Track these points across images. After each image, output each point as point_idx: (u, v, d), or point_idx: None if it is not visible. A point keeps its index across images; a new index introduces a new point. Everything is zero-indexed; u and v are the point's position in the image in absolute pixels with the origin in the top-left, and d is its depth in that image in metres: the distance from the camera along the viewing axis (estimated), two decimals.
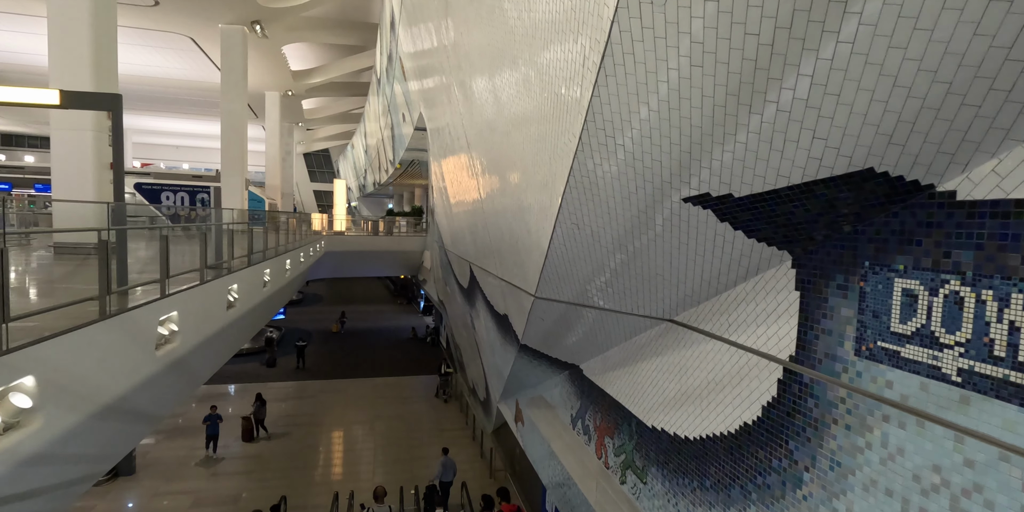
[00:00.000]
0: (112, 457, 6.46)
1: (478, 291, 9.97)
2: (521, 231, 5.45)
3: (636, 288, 4.27)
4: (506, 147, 5.55)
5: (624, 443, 5.20)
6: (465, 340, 15.15)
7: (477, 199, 7.84)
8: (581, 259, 4.40)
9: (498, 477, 13.13)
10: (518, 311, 6.58)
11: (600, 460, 5.77)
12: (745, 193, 2.80)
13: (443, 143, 10.87)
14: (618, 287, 4.42)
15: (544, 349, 6.70)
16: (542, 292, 5.36)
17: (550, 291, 5.27)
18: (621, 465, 5.24)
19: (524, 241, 5.38)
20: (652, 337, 4.63)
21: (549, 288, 5.24)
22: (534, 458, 8.39)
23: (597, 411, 5.87)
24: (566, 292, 5.08)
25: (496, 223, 6.75)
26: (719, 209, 3.02)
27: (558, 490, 7.16)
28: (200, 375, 8.96)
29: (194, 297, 7.07)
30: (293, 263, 14.87)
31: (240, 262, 10.00)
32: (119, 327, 5.12)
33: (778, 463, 3.08)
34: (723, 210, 3.01)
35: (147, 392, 6.10)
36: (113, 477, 12.38)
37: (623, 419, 5.22)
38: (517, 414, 9.51)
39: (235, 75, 21.65)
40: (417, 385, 20.68)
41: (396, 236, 29.63)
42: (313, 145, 56.20)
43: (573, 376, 6.64)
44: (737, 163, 2.67)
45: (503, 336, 8.23)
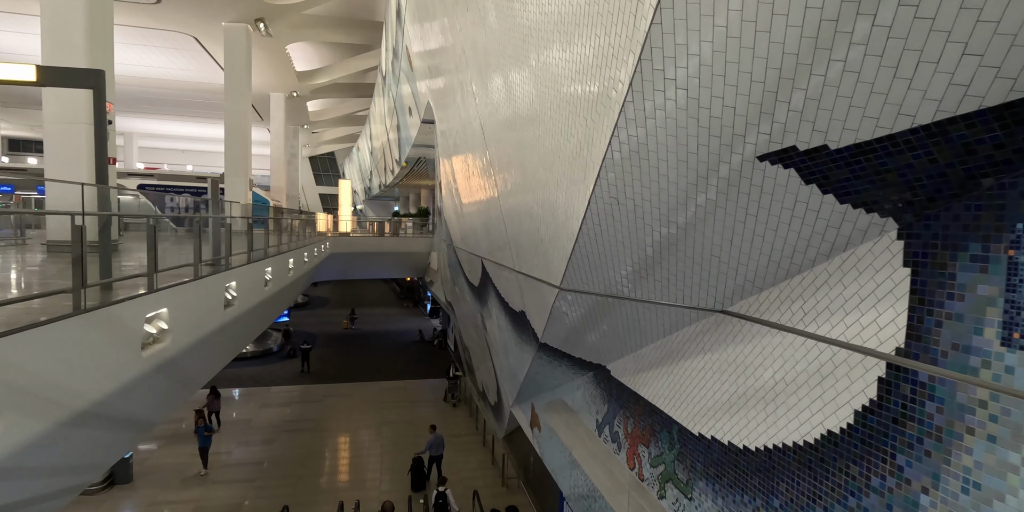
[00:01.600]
0: (95, 468, 5.92)
1: (490, 288, 9.40)
2: (545, 215, 4.88)
3: (683, 274, 3.69)
4: (529, 122, 5.00)
5: (663, 453, 4.60)
6: (475, 342, 14.58)
7: (493, 188, 7.29)
8: (618, 242, 3.83)
9: (510, 485, 12.53)
10: (538, 306, 6.00)
11: (633, 471, 5.18)
12: (846, 143, 2.23)
13: (454, 131, 10.34)
14: (661, 274, 3.84)
15: (566, 348, 6.12)
16: (568, 283, 4.79)
17: (577, 281, 4.70)
18: (660, 477, 4.65)
19: (548, 226, 4.82)
20: (699, 332, 4.05)
21: (577, 278, 4.67)
22: (553, 467, 7.80)
23: (628, 416, 5.28)
24: (596, 282, 4.51)
25: (515, 210, 6.20)
26: (806, 167, 2.45)
27: (582, 502, 6.56)
28: (196, 379, 8.41)
29: (187, 294, 6.55)
30: (297, 262, 14.37)
31: (240, 259, 9.50)
32: (97, 324, 4.58)
33: (880, 482, 2.49)
34: (811, 168, 2.44)
35: (133, 396, 5.57)
36: (108, 485, 11.86)
37: (661, 426, 4.63)
38: (533, 419, 8.92)
39: (239, 74, 21.29)
40: (425, 389, 20.11)
41: (402, 237, 29.16)
42: (318, 148, 55.98)
43: (599, 378, 6.06)
44: (840, 101, 2.10)
45: (519, 335, 7.66)
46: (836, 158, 2.32)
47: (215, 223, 8.67)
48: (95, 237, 6.31)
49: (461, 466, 13.59)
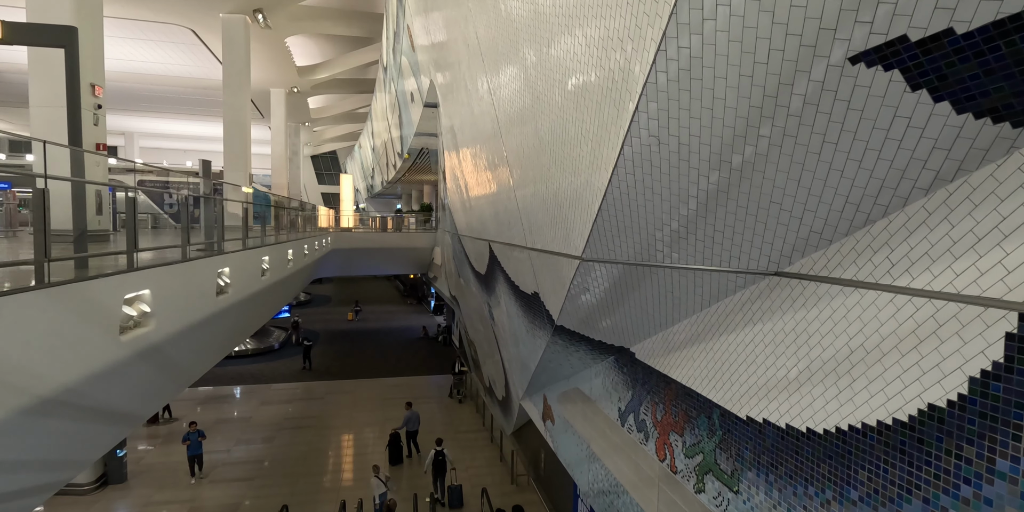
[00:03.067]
0: (72, 464, 5.42)
1: (498, 274, 8.89)
2: (565, 177, 4.37)
3: (732, 231, 3.17)
4: (550, 61, 4.48)
5: (700, 441, 4.08)
6: (481, 335, 14.08)
7: (503, 160, 6.79)
8: (654, 194, 3.32)
9: (520, 483, 12.01)
10: (554, 284, 5.49)
11: (663, 463, 4.66)
12: (982, 22, 1.71)
13: (458, 89, 9.84)
14: (704, 232, 3.32)
15: (584, 330, 5.61)
16: (591, 252, 4.28)
17: (602, 250, 4.18)
18: (697, 469, 4.13)
19: (568, 188, 4.31)
20: (745, 301, 3.53)
21: (601, 246, 4.15)
22: (568, 461, 7.28)
23: (657, 402, 4.76)
24: (625, 249, 3.99)
25: (529, 180, 5.69)
26: (916, 66, 1.93)
27: (602, 499, 6.05)
28: (188, 371, 7.92)
29: (173, 276, 6.05)
30: (296, 254, 13.88)
31: (235, 247, 9.02)
32: (66, 301, 4.09)
33: (1012, 466, 1.97)
34: (924, 66, 1.92)
35: (112, 385, 5.07)
36: (102, 485, 11.40)
37: (698, 411, 4.11)
38: (545, 411, 8.41)
39: (237, 67, 20.84)
40: (429, 385, 19.62)
41: (405, 233, 28.68)
42: (320, 147, 55.58)
43: (621, 362, 5.54)
44: None
45: (530, 321, 7.15)
46: (962, 47, 1.80)
47: (207, 206, 8.18)
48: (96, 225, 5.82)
49: (468, 463, 13.09)
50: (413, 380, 20.11)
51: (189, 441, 11.90)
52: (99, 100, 10.94)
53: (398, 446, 13.50)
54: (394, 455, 13.35)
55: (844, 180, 2.46)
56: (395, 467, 13.10)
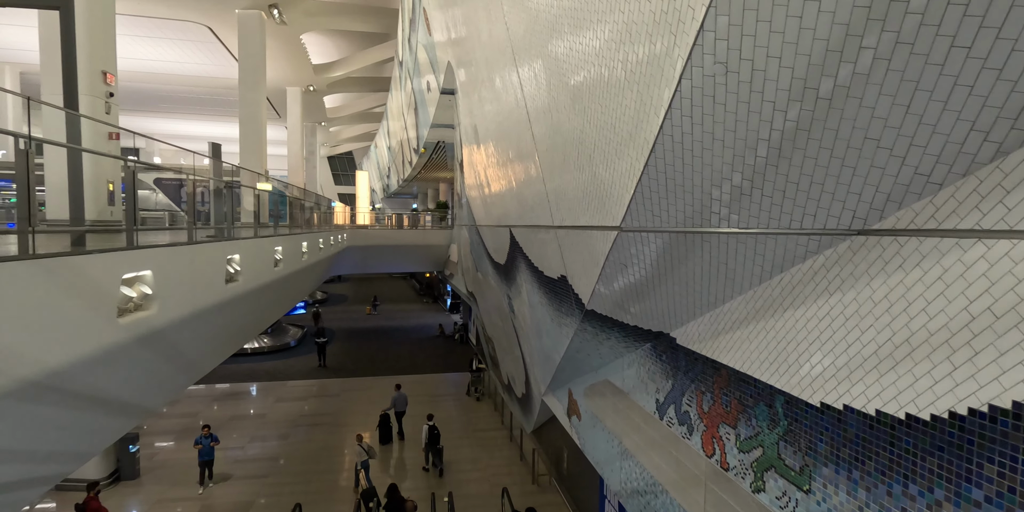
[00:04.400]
0: (69, 456, 5.07)
1: (520, 261, 8.45)
2: (603, 135, 3.92)
3: (807, 182, 2.68)
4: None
5: (759, 433, 3.59)
6: (500, 330, 13.64)
7: (530, 142, 6.34)
8: (714, 143, 2.85)
9: (542, 483, 11.53)
10: (586, 264, 5.03)
11: (712, 458, 4.16)
12: None
13: (478, 56, 9.43)
14: (773, 186, 2.84)
15: (618, 315, 5.13)
16: (633, 220, 3.81)
17: (645, 217, 3.72)
18: (755, 465, 3.63)
19: (609, 145, 3.85)
20: (818, 268, 3.03)
21: (644, 212, 3.69)
22: (598, 459, 6.80)
23: (704, 391, 4.27)
24: (672, 214, 3.52)
25: (557, 148, 5.23)
26: None
27: (637, 499, 5.55)
28: (197, 363, 7.58)
29: (178, 258, 5.71)
30: (311, 247, 13.58)
31: (246, 235, 8.69)
32: (54, 276, 3.72)
33: None
34: None
35: (111, 372, 4.71)
36: (114, 481, 11.17)
37: (755, 398, 3.61)
38: (571, 407, 7.93)
39: (253, 62, 20.70)
40: (446, 383, 19.23)
41: (421, 230, 28.39)
42: (336, 148, 55.67)
43: (659, 349, 5.05)
44: None
45: (556, 308, 6.69)
46: None
47: (215, 189, 7.86)
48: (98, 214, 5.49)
49: (487, 462, 12.66)
50: (430, 378, 19.74)
51: (201, 445, 11.18)
52: (111, 88, 10.72)
53: (388, 426, 14.02)
54: (384, 435, 13.89)
55: (974, 98, 1.97)
56: (385, 446, 13.71)
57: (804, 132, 2.51)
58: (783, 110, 2.47)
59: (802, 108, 2.41)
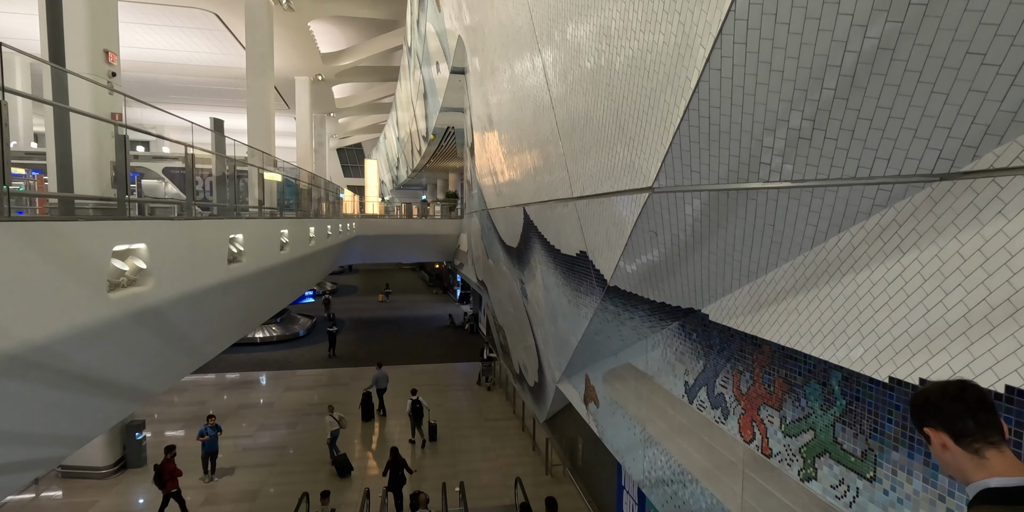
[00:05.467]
0: (61, 440, 4.80)
1: (534, 242, 8.08)
2: (636, 76, 3.53)
3: (884, 117, 2.29)
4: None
5: (810, 414, 3.21)
6: (512, 318, 13.31)
7: (547, 110, 5.95)
8: (771, 75, 2.46)
9: (555, 473, 11.23)
10: (609, 235, 4.65)
11: (751, 444, 3.80)
12: None
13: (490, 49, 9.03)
14: (840, 125, 2.44)
15: (644, 291, 4.75)
16: (667, 178, 3.43)
17: (682, 173, 3.33)
18: (804, 450, 3.26)
19: (641, 92, 3.47)
20: (887, 224, 2.63)
21: (681, 168, 3.30)
22: (617, 447, 6.45)
23: (742, 371, 3.89)
24: (713, 168, 3.13)
25: (578, 109, 4.85)
26: None
27: (662, 490, 5.20)
28: (200, 345, 7.30)
29: (176, 233, 5.40)
30: (319, 233, 13.30)
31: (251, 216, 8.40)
32: (34, 241, 3.41)
33: None
34: None
35: (100, 349, 4.40)
36: (120, 469, 11.02)
37: (805, 376, 3.23)
38: (588, 393, 7.58)
39: (261, 49, 20.38)
40: (456, 372, 18.98)
41: (431, 219, 28.09)
42: (345, 139, 55.39)
43: (688, 328, 4.67)
44: None
45: (574, 288, 6.33)
46: None
47: (218, 166, 7.56)
48: None
49: (499, 453, 12.38)
50: (440, 367, 19.50)
51: (207, 436, 10.88)
52: (113, 67, 10.42)
53: (370, 404, 14.73)
54: (366, 412, 14.60)
55: None
56: (367, 423, 14.47)
57: (887, 52, 2.11)
58: (863, 25, 2.07)
59: (888, 20, 2.01)
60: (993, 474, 1.16)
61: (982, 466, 1.19)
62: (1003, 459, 1.19)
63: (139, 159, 24.61)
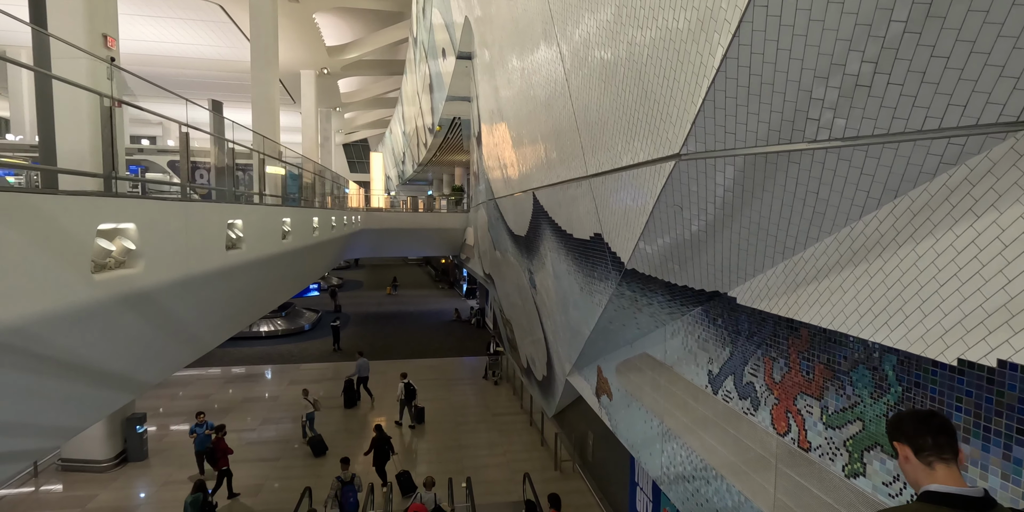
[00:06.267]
0: (48, 430, 4.54)
1: (543, 229, 7.77)
2: (661, 31, 3.20)
3: (963, 54, 1.96)
4: None
5: (857, 403, 2.89)
6: (519, 310, 13.01)
7: (558, 67, 5.63)
8: (827, 10, 2.13)
9: (564, 469, 10.94)
10: (629, 213, 4.33)
11: (785, 437, 3.48)
12: None
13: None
14: (906, 68, 2.11)
15: (665, 274, 4.43)
16: (698, 142, 3.11)
17: (715, 135, 3.01)
18: (851, 443, 2.93)
19: (669, 45, 3.14)
20: (956, 184, 2.30)
21: (713, 129, 2.98)
22: (633, 442, 6.14)
23: (775, 358, 3.57)
24: (751, 128, 2.81)
25: (594, 73, 4.52)
26: None
27: (682, 486, 4.90)
28: (199, 335, 7.03)
29: (169, 214, 5.12)
30: (323, 224, 13.02)
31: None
32: (9, 214, 3.14)
33: None
34: None
35: (87, 334, 4.12)
36: (121, 462, 10.84)
37: (851, 361, 2.91)
38: (600, 386, 7.27)
39: (265, 40, 20.07)
40: (463, 367, 18.72)
41: (437, 213, 27.81)
42: (351, 135, 55.16)
43: (713, 313, 4.35)
44: None
45: (587, 274, 6.01)
46: None
47: (216, 148, 7.28)
48: None
49: (506, 448, 12.11)
50: (446, 362, 19.25)
51: (196, 434, 10.59)
52: (113, 52, 10.17)
53: (352, 391, 14.99)
54: (349, 399, 14.89)
55: None
56: (350, 409, 14.73)
57: None
58: None
59: None
60: (936, 482, 1.48)
61: (930, 475, 1.51)
62: (948, 472, 1.49)
63: (144, 152, 24.43)
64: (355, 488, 8.86)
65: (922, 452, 1.53)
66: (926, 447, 1.53)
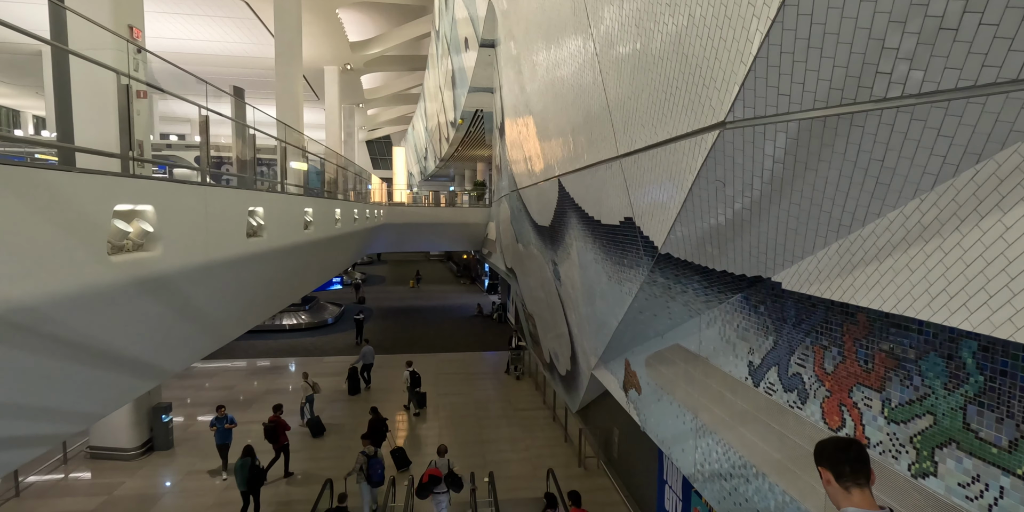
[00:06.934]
0: (67, 415, 4.47)
1: (570, 217, 7.52)
2: None
3: None
4: None
5: (928, 395, 2.59)
6: (543, 304, 12.78)
7: (588, 43, 5.37)
8: None
9: (588, 465, 10.70)
10: (664, 192, 4.07)
11: (839, 432, 3.19)
12: None
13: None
14: (1009, 1, 1.82)
15: (701, 258, 4.16)
16: (745, 109, 2.83)
17: (766, 99, 2.73)
18: (919, 439, 2.64)
19: (706, 3, 2.87)
20: None
21: (766, 92, 2.70)
22: (663, 438, 5.87)
23: (827, 346, 3.28)
24: (809, 87, 2.52)
25: (626, 41, 4.25)
26: None
27: (718, 484, 4.62)
28: (221, 324, 6.96)
29: (188, 198, 5.01)
30: (345, 215, 12.95)
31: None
32: (14, 189, 3.02)
33: None
34: None
35: (105, 317, 4.02)
36: (147, 451, 10.95)
37: (922, 349, 2.61)
38: (628, 380, 7.01)
39: (289, 35, 20.13)
40: (484, 361, 18.59)
41: (459, 208, 27.71)
42: (374, 132, 55.47)
43: (754, 300, 4.06)
44: None
45: (616, 262, 5.75)
46: None
47: (237, 134, 7.21)
48: None
49: (528, 443, 11.91)
50: (467, 356, 19.14)
51: (216, 427, 10.41)
52: (141, 42, 10.20)
53: (356, 378, 15.44)
54: (352, 387, 15.35)
55: None
56: (354, 396, 15.15)
57: None
58: None
59: None
60: (852, 505, 1.70)
61: (847, 499, 1.71)
62: (863, 496, 1.71)
63: (172, 148, 24.76)
64: (381, 462, 9.21)
65: (841, 478, 1.74)
66: (844, 474, 1.74)
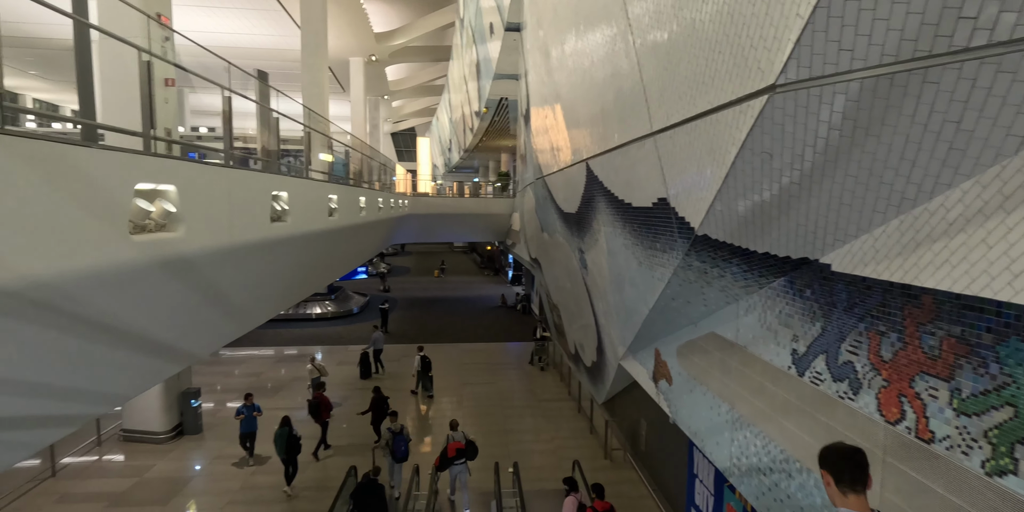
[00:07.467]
0: (91, 396, 4.45)
1: (598, 202, 7.28)
2: None
3: None
4: None
5: (1008, 385, 2.33)
6: (568, 294, 12.57)
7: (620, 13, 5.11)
8: None
9: (615, 458, 10.50)
10: (703, 168, 3.82)
11: (898, 425, 2.93)
12: None
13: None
14: None
15: (741, 239, 3.90)
16: (800, 68, 2.57)
17: (826, 55, 2.47)
18: (995, 434, 2.38)
19: None
20: None
21: (825, 48, 2.44)
22: (696, 430, 5.64)
23: (884, 332, 3.01)
24: (877, 38, 2.26)
25: (665, 11, 4.00)
26: None
27: (756, 479, 4.38)
28: (246, 308, 6.94)
29: (211, 180, 4.94)
30: (369, 203, 12.91)
31: None
32: (36, 163, 2.94)
33: None
34: None
35: (127, 297, 3.96)
36: (177, 435, 11.16)
37: (1000, 333, 2.35)
38: (658, 370, 6.77)
39: (315, 25, 20.12)
40: (508, 352, 18.49)
41: (483, 198, 27.59)
42: (399, 124, 55.63)
43: (799, 284, 3.80)
44: None
45: (648, 247, 5.51)
46: None
47: (261, 117, 7.15)
48: None
49: (553, 434, 11.77)
50: (491, 346, 19.07)
51: (243, 415, 10.27)
52: (167, 32, 10.23)
53: (367, 363, 15.73)
54: (364, 371, 15.65)
55: None
56: (364, 380, 15.37)
57: None
58: None
59: None
60: (847, 507, 1.89)
61: (844, 502, 1.91)
62: (858, 501, 1.90)
63: (202, 139, 24.95)
64: (404, 438, 9.31)
65: (840, 483, 1.90)
66: (844, 480, 1.90)
